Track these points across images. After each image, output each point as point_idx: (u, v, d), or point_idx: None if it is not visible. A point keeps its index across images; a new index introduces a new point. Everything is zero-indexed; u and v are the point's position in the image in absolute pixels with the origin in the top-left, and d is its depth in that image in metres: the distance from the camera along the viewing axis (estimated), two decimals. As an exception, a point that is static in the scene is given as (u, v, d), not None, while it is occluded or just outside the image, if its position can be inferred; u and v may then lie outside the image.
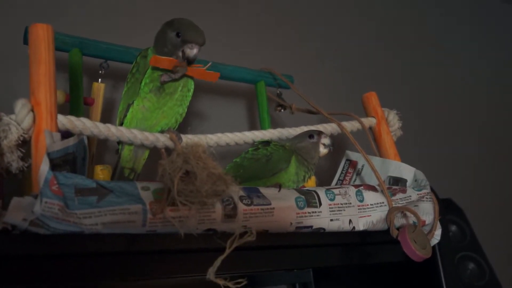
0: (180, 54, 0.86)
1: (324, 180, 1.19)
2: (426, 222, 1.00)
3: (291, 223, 0.81)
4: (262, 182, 0.95)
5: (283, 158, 1.00)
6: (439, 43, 2.18)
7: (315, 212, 0.84)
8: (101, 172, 0.90)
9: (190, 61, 0.87)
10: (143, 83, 0.89)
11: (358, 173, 1.13)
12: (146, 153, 0.94)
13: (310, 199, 0.84)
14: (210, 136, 0.93)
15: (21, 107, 0.70)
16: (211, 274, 0.63)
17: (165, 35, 0.88)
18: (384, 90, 1.35)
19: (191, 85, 0.92)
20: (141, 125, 0.89)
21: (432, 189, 1.04)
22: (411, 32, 2.09)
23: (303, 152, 1.01)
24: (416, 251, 0.90)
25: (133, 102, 0.90)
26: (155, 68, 0.87)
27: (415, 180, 1.06)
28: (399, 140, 1.18)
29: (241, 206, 0.74)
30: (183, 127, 0.97)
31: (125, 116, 0.92)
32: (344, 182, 1.15)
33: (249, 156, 1.01)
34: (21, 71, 0.88)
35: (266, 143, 1.03)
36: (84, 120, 0.76)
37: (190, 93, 0.93)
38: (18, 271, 0.59)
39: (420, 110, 1.96)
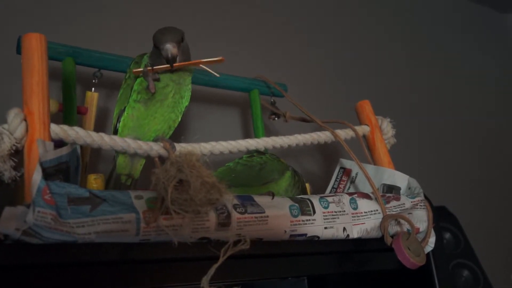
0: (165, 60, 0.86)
1: (318, 188, 1.20)
2: (420, 230, 1.00)
3: (285, 231, 0.80)
4: (252, 190, 0.95)
5: (276, 169, 1.00)
6: (432, 51, 2.20)
7: (309, 220, 0.84)
8: (95, 181, 0.90)
9: (170, 61, 0.86)
10: (133, 90, 0.89)
11: (352, 181, 1.13)
12: (143, 159, 0.94)
13: (304, 207, 0.84)
14: (204, 144, 0.93)
15: (13, 116, 0.70)
16: (205, 282, 0.62)
17: (152, 51, 0.89)
18: (377, 98, 1.35)
19: (185, 92, 0.92)
20: (134, 132, 0.89)
21: (425, 197, 1.04)
22: (405, 41, 2.10)
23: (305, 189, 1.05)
24: (410, 259, 0.90)
25: (124, 109, 0.90)
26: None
27: (409, 188, 1.06)
28: (393, 148, 1.19)
29: (235, 215, 0.74)
30: (177, 135, 0.96)
31: (118, 121, 0.92)
32: (338, 190, 1.15)
33: (243, 162, 1.02)
34: (14, 81, 0.88)
35: (261, 152, 1.03)
36: (77, 129, 0.76)
37: (184, 100, 0.92)
38: (10, 281, 0.59)
39: (413, 118, 1.96)
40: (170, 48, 0.84)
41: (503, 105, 2.39)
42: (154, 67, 0.86)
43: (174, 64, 0.86)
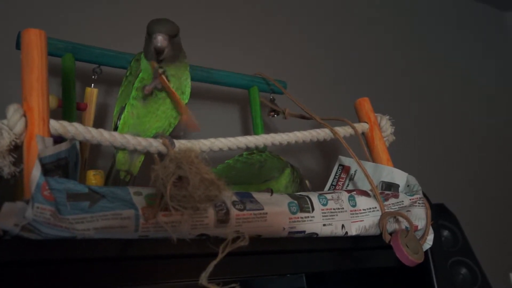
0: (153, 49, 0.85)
1: (317, 185, 1.19)
2: (419, 227, 1.00)
3: (284, 228, 0.81)
4: (252, 188, 0.96)
5: (276, 167, 1.01)
6: (431, 48, 2.19)
7: (308, 217, 0.84)
8: (94, 177, 0.90)
9: (157, 52, 0.85)
10: (134, 88, 0.89)
11: (351, 178, 1.13)
12: (142, 155, 0.94)
13: (302, 204, 0.84)
14: (203, 141, 0.93)
15: (13, 112, 0.70)
16: (203, 279, 0.62)
17: (145, 39, 0.89)
18: (376, 95, 1.35)
19: (185, 87, 0.92)
20: (134, 129, 0.89)
21: (424, 194, 1.04)
22: (404, 38, 2.10)
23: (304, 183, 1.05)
24: (409, 256, 0.91)
25: (125, 106, 0.90)
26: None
27: (408, 185, 1.06)
28: (392, 145, 1.19)
29: (233, 211, 0.74)
30: (175, 132, 0.96)
31: (119, 119, 0.92)
32: (337, 187, 1.15)
33: (243, 160, 1.02)
34: (14, 76, 0.88)
35: (261, 150, 1.04)
36: (76, 125, 0.76)
37: (185, 96, 0.93)
38: (9, 277, 0.59)
39: (412, 116, 1.96)
40: (160, 39, 0.84)
41: (503, 102, 2.39)
42: (161, 74, 0.86)
43: (163, 78, 0.86)
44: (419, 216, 1.00)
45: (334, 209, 0.89)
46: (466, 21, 2.41)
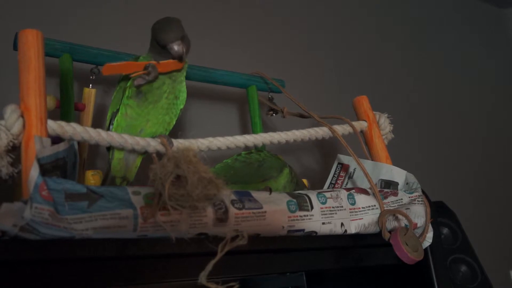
0: (171, 57, 0.86)
1: (316, 184, 1.20)
2: (418, 225, 1.00)
3: (283, 227, 0.80)
4: (251, 187, 0.95)
5: (275, 166, 1.01)
6: (430, 46, 2.19)
7: (307, 215, 0.84)
8: (92, 177, 0.90)
9: (180, 59, 0.87)
10: (127, 87, 0.89)
11: (350, 177, 1.13)
12: (138, 161, 0.93)
13: (301, 203, 0.84)
14: (201, 140, 0.92)
15: (10, 112, 0.69)
16: (202, 278, 0.62)
17: (152, 44, 0.89)
18: (375, 93, 1.35)
19: (179, 92, 0.92)
20: (127, 133, 0.88)
21: (423, 192, 1.04)
22: (403, 36, 2.10)
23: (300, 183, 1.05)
24: (408, 254, 0.91)
25: (117, 110, 0.90)
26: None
27: (407, 183, 1.06)
28: (391, 143, 1.19)
29: (232, 210, 0.74)
30: (174, 131, 0.96)
31: (111, 123, 0.91)
32: (336, 186, 1.15)
33: (242, 159, 1.02)
34: (11, 77, 0.88)
35: (259, 149, 1.04)
36: (74, 125, 0.76)
37: (180, 101, 0.92)
38: (8, 277, 0.59)
39: (411, 114, 1.96)
40: (178, 47, 0.85)
41: (502, 100, 2.39)
42: (148, 69, 0.86)
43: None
44: (419, 214, 1.00)
45: (333, 207, 0.89)
46: (465, 19, 2.41)
